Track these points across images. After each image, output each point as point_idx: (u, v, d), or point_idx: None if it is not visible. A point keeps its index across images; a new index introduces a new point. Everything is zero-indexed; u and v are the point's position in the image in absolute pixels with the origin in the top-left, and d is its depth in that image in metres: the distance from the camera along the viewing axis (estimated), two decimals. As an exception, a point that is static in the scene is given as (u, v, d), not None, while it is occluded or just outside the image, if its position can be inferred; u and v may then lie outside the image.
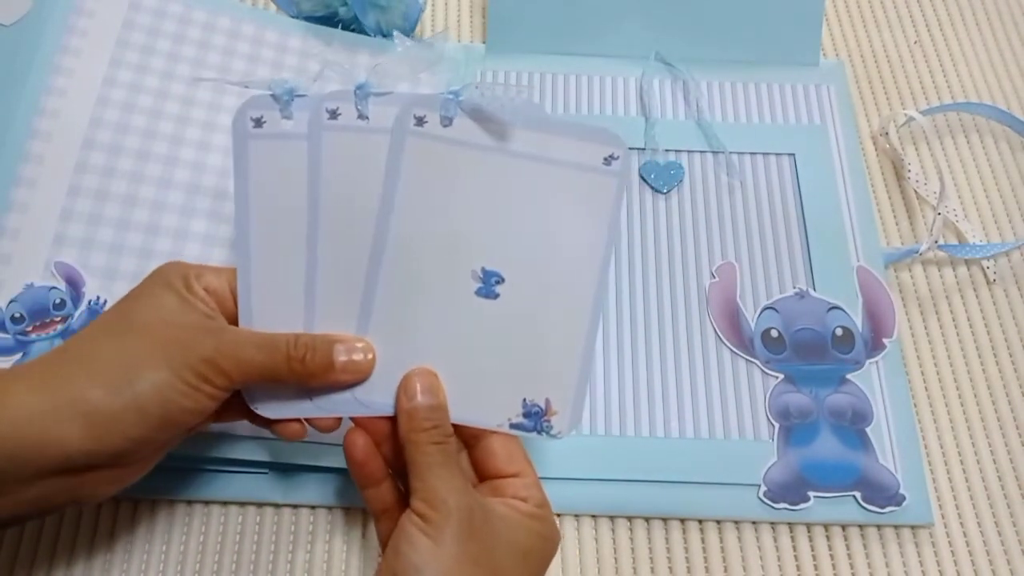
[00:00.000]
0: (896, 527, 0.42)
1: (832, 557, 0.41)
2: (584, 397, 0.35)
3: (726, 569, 0.41)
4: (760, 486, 0.41)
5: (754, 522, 0.42)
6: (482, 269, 0.35)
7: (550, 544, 0.34)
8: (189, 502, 0.41)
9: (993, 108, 0.54)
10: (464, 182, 0.35)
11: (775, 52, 0.55)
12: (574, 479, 0.42)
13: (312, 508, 0.41)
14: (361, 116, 0.34)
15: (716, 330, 0.46)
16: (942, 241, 0.49)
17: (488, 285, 0.35)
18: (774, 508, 0.41)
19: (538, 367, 0.35)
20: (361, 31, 0.52)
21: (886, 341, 0.45)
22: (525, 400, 0.35)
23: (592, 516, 0.42)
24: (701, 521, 0.42)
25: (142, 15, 0.48)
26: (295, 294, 0.35)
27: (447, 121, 0.35)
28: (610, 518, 0.42)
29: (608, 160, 0.35)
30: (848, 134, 0.52)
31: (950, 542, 0.42)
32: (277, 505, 0.41)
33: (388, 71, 0.35)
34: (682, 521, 0.42)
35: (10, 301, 0.40)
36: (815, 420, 0.43)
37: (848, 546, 0.41)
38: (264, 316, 0.34)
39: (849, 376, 0.44)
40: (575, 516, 0.42)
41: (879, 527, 0.42)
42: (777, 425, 0.43)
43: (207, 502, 0.41)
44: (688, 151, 0.51)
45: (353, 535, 0.41)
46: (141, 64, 0.46)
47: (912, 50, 0.58)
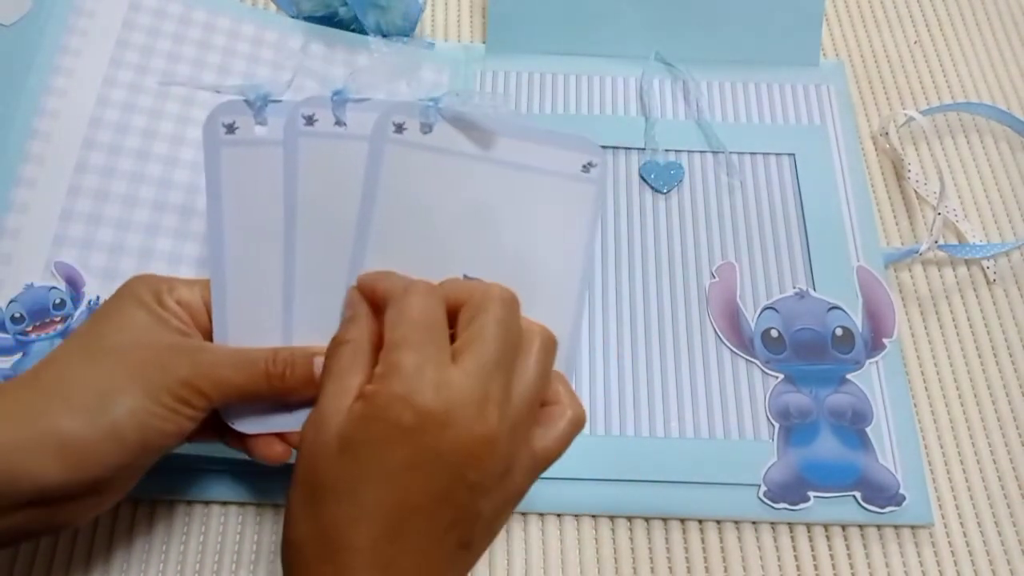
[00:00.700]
0: (896, 527, 0.42)
1: (832, 557, 0.41)
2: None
3: (726, 569, 0.41)
4: (760, 486, 0.41)
5: (754, 522, 0.42)
6: (464, 277, 0.34)
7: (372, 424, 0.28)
8: (189, 502, 0.41)
9: (993, 108, 0.54)
10: (444, 190, 0.35)
11: (775, 52, 0.55)
12: (574, 479, 0.42)
13: (312, 508, 0.41)
14: (338, 123, 0.34)
15: (716, 330, 0.46)
16: (942, 241, 0.49)
17: None
18: (774, 508, 0.41)
19: None
20: (361, 31, 0.52)
21: (886, 341, 0.45)
22: None
23: (592, 516, 0.42)
24: (701, 521, 0.42)
25: (142, 15, 0.48)
26: (272, 307, 0.34)
27: (427, 128, 0.34)
28: (610, 518, 0.42)
29: (587, 168, 0.35)
30: (848, 134, 0.52)
31: (950, 542, 0.42)
32: (277, 505, 0.41)
33: (366, 77, 0.34)
34: (682, 521, 0.42)
35: (10, 301, 0.40)
36: (815, 420, 0.43)
37: (848, 546, 0.41)
38: (240, 331, 0.33)
39: (849, 376, 0.44)
40: (575, 516, 0.42)
41: (879, 527, 0.42)
42: (777, 425, 0.43)
43: (207, 502, 0.41)
44: (688, 151, 0.51)
45: (353, 535, 0.41)
46: (141, 64, 0.46)
47: (912, 50, 0.58)
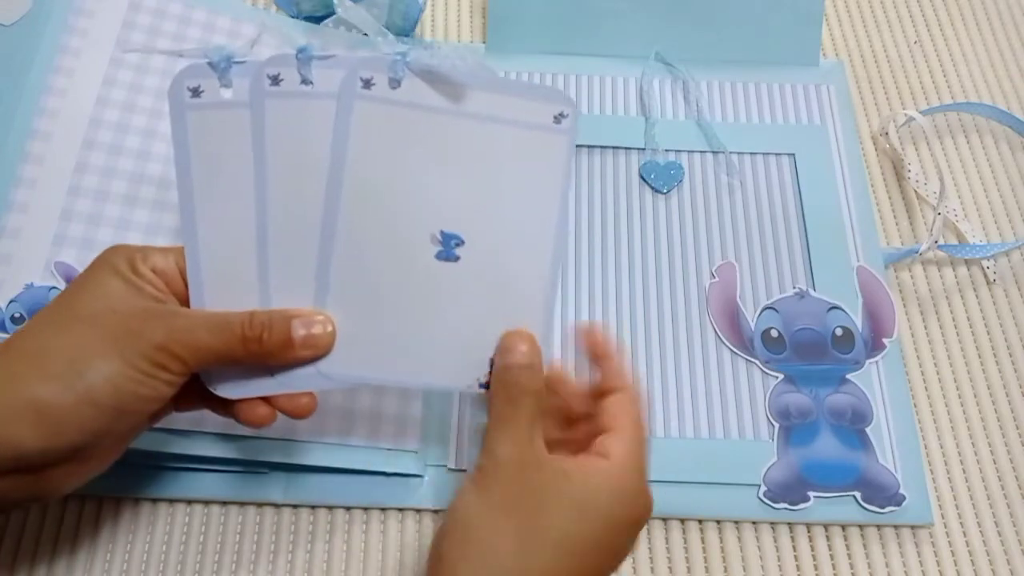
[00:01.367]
0: (896, 527, 0.42)
1: (832, 557, 0.41)
2: (548, 355, 0.35)
3: (726, 569, 0.41)
4: (760, 486, 0.41)
5: (754, 522, 0.42)
6: (440, 232, 0.34)
7: (620, 501, 0.32)
8: (189, 502, 0.41)
9: (993, 108, 0.54)
10: (415, 145, 0.34)
11: (775, 52, 0.55)
12: (574, 479, 0.42)
13: (312, 508, 0.41)
14: (304, 81, 0.33)
15: (716, 330, 0.46)
16: (942, 241, 0.49)
17: (448, 248, 0.34)
18: (774, 508, 0.41)
19: (502, 326, 0.34)
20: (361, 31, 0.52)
21: (886, 341, 0.45)
22: (492, 359, 0.34)
23: (592, 516, 0.42)
24: (701, 521, 0.42)
25: (142, 15, 0.48)
26: (247, 270, 0.33)
27: (395, 83, 0.34)
28: (610, 518, 0.42)
29: (558, 118, 0.35)
30: (848, 134, 0.52)
31: (950, 542, 0.42)
32: (277, 505, 0.41)
33: (330, 34, 0.33)
34: (682, 521, 0.42)
35: (10, 301, 0.40)
36: (815, 420, 0.43)
37: (848, 546, 0.41)
38: (216, 295, 0.33)
39: (849, 376, 0.44)
40: (575, 516, 0.42)
41: (879, 527, 0.42)
42: (777, 425, 0.43)
43: (207, 502, 0.41)
44: (688, 151, 0.51)
45: (353, 535, 0.41)
46: (141, 64, 0.46)
47: (912, 50, 0.58)
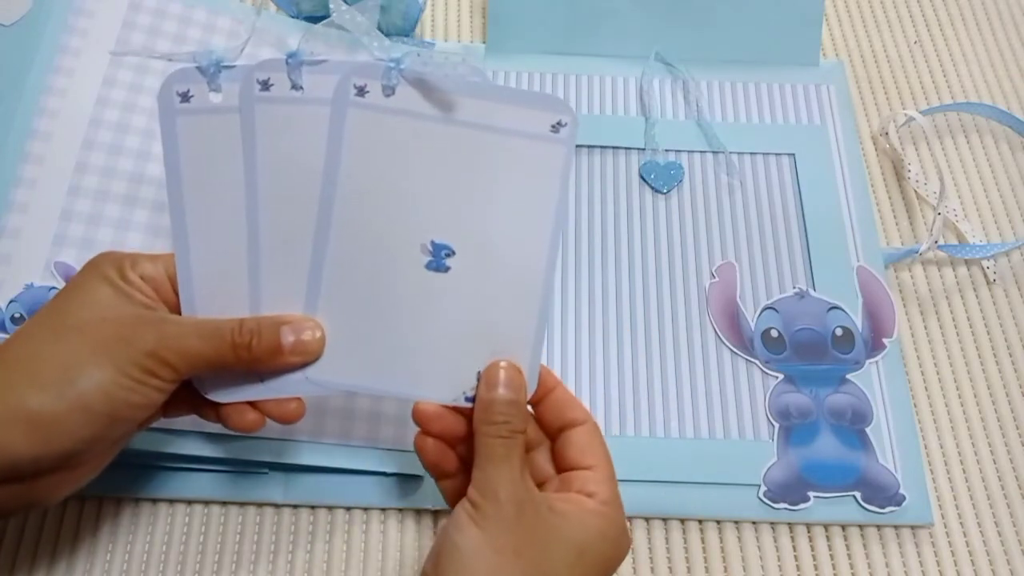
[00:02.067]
0: (896, 527, 0.42)
1: (832, 557, 0.41)
2: (537, 368, 0.34)
3: (726, 569, 0.41)
4: (760, 486, 0.41)
5: (754, 522, 0.42)
6: (431, 242, 0.34)
7: (611, 544, 0.32)
8: (189, 502, 0.41)
9: (993, 108, 0.54)
10: (409, 153, 0.34)
11: (775, 52, 0.55)
12: (574, 479, 0.42)
13: (312, 508, 0.41)
14: (295, 87, 0.33)
15: (716, 330, 0.46)
16: (942, 241, 0.49)
17: (438, 258, 0.34)
18: (774, 508, 0.41)
19: (492, 339, 0.34)
20: (361, 31, 0.52)
21: (886, 341, 0.45)
22: (479, 373, 0.34)
23: (592, 516, 0.42)
24: (701, 521, 0.42)
25: (142, 15, 0.48)
26: (238, 276, 0.33)
27: (389, 91, 0.33)
28: (610, 518, 0.42)
29: (556, 127, 0.34)
30: (848, 134, 0.52)
31: (950, 542, 0.42)
32: (277, 505, 0.41)
33: (321, 38, 0.33)
34: (682, 521, 0.42)
35: (10, 301, 0.40)
36: (815, 420, 0.43)
37: (848, 546, 0.41)
38: (207, 301, 0.33)
39: (849, 376, 0.44)
40: (575, 516, 0.42)
41: (879, 527, 0.42)
42: (777, 425, 0.43)
43: (207, 502, 0.41)
44: (688, 151, 0.51)
45: (353, 535, 0.41)
46: (141, 64, 0.46)
47: (912, 50, 0.58)
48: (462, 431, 0.34)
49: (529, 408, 0.35)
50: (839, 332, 0.46)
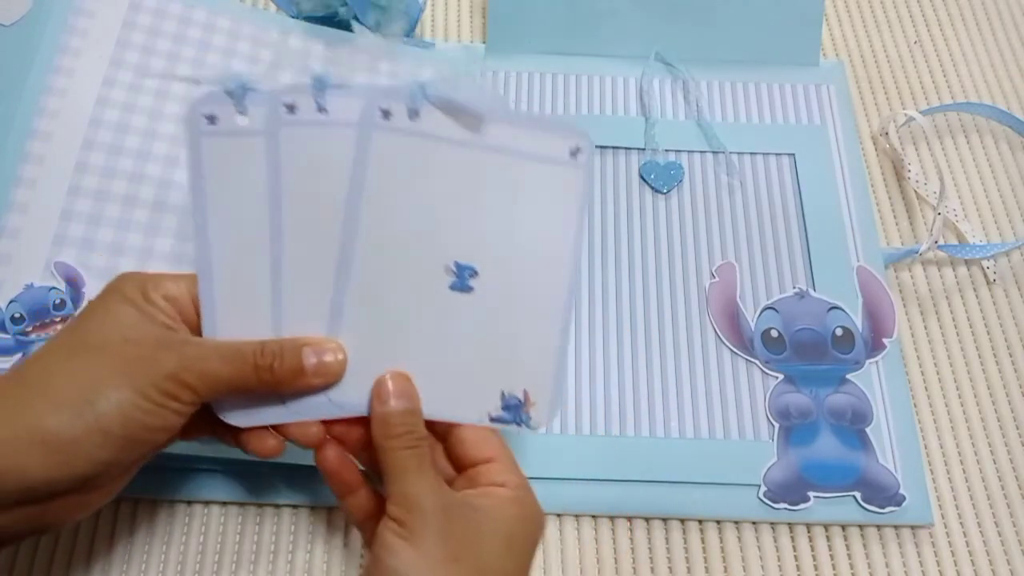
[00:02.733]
0: (896, 527, 0.42)
1: (832, 557, 0.41)
2: (561, 388, 0.35)
3: (726, 569, 0.41)
4: (760, 486, 0.41)
5: (754, 522, 0.42)
6: (455, 263, 0.34)
7: (533, 525, 0.33)
8: (189, 502, 0.41)
9: (993, 108, 0.54)
10: (433, 176, 0.34)
11: (775, 52, 0.55)
12: (574, 479, 0.42)
13: (312, 508, 0.41)
14: (320, 110, 0.33)
15: (716, 330, 0.46)
16: (942, 241, 0.49)
17: (462, 279, 0.34)
18: (774, 508, 0.41)
19: (514, 359, 0.35)
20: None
21: (886, 341, 0.45)
22: (503, 393, 0.34)
23: (592, 516, 0.42)
24: (701, 521, 0.42)
25: (142, 15, 0.48)
26: (261, 298, 0.33)
27: (414, 114, 0.34)
28: (610, 518, 0.42)
29: (574, 153, 0.35)
30: (848, 134, 0.52)
31: (950, 542, 0.42)
32: (277, 505, 0.41)
33: (345, 61, 0.33)
34: (682, 521, 0.42)
35: (10, 301, 0.40)
36: (815, 420, 0.43)
37: (848, 546, 0.41)
38: (229, 324, 0.33)
39: (849, 376, 0.44)
40: (575, 516, 0.42)
41: (879, 527, 0.42)
42: (777, 425, 0.43)
43: (207, 502, 0.41)
44: (688, 151, 0.51)
45: (353, 535, 0.41)
46: (141, 64, 0.46)
47: (912, 50, 0.58)
48: (362, 437, 0.34)
49: None
50: (839, 332, 0.46)
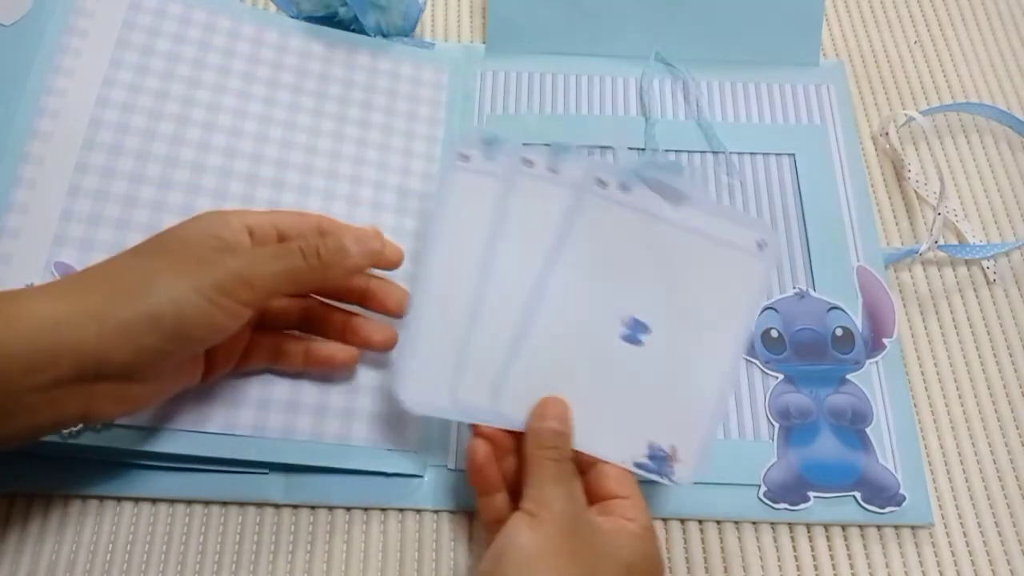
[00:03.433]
0: (896, 527, 0.42)
1: (832, 557, 0.41)
2: (710, 453, 0.38)
3: (726, 569, 0.41)
4: (760, 486, 0.41)
5: (754, 522, 0.42)
6: (632, 318, 0.39)
7: (652, 564, 0.35)
8: (189, 502, 0.41)
9: (993, 108, 0.54)
10: (629, 240, 0.40)
11: (775, 52, 0.55)
12: (574, 479, 0.42)
13: (312, 508, 0.41)
14: (551, 169, 0.40)
15: (716, 330, 0.46)
16: (942, 241, 0.49)
17: (634, 332, 0.39)
18: (774, 508, 0.41)
19: (669, 415, 0.38)
20: (361, 31, 0.52)
21: (886, 341, 0.45)
22: (652, 443, 0.38)
23: (592, 516, 0.42)
24: (701, 521, 0.42)
25: (142, 15, 0.48)
26: (458, 309, 0.39)
27: (625, 188, 0.40)
28: (610, 518, 0.42)
29: (761, 245, 0.40)
30: (848, 134, 0.52)
31: (950, 542, 0.42)
32: (277, 505, 0.41)
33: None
34: (682, 521, 0.42)
35: (10, 301, 0.40)
36: (815, 420, 0.43)
37: (848, 546, 0.41)
38: (425, 323, 0.38)
39: (849, 376, 0.44)
40: (575, 516, 0.42)
41: (879, 527, 0.42)
42: (777, 425, 0.43)
43: (207, 502, 0.41)
44: (688, 151, 0.51)
45: (353, 535, 0.41)
46: (141, 64, 0.46)
47: (912, 50, 0.58)
48: (510, 444, 0.37)
49: None
50: (839, 332, 0.46)
